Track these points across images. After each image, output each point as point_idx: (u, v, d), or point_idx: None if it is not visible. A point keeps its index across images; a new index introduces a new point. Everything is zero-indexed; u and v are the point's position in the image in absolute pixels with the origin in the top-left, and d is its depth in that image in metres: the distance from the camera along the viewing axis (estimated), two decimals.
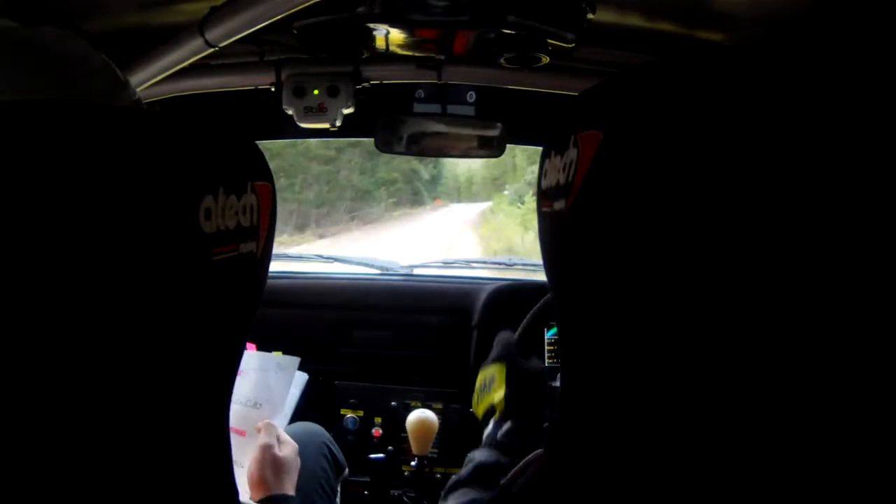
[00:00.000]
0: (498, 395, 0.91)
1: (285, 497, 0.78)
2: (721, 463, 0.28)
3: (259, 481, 0.78)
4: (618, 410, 0.31)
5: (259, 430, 0.84)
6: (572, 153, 0.32)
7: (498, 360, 0.94)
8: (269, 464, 0.79)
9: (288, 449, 0.83)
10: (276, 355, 0.97)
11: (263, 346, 1.02)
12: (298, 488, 0.82)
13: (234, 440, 0.85)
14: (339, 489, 1.01)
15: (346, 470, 1.06)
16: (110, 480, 0.30)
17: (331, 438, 1.06)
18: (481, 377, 0.96)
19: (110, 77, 0.45)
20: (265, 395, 0.90)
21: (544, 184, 0.35)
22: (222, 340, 0.36)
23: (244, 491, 0.79)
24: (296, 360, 0.94)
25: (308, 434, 0.99)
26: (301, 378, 0.96)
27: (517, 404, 0.88)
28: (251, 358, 0.95)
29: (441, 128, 1.08)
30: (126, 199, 0.28)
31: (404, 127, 1.09)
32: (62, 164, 0.27)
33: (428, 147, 1.10)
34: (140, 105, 0.48)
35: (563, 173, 0.32)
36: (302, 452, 0.86)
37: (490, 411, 0.92)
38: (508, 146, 1.18)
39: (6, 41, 0.40)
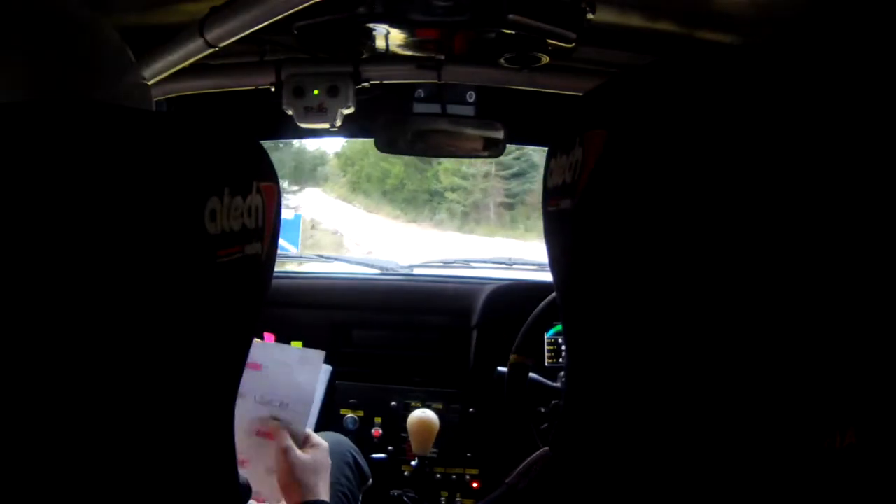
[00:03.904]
0: None
1: (320, 503, 0.73)
2: (728, 461, 0.28)
3: (287, 487, 0.73)
4: (623, 407, 0.31)
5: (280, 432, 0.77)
6: (578, 152, 0.32)
7: None
8: (297, 467, 0.74)
9: (317, 451, 0.77)
10: (298, 347, 0.88)
11: None
12: None
13: (264, 444, 0.81)
14: (360, 498, 0.98)
15: (370, 480, 1.03)
16: (115, 479, 0.30)
17: (356, 448, 1.03)
18: None
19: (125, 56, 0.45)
20: (291, 393, 0.82)
21: (550, 182, 0.36)
22: (227, 341, 0.36)
23: (279, 498, 0.75)
24: (321, 354, 0.85)
25: (333, 443, 0.93)
26: (325, 371, 0.86)
27: None
28: (271, 350, 0.86)
29: (441, 127, 1.08)
30: (132, 201, 0.28)
31: (404, 127, 1.09)
32: (67, 166, 0.27)
33: (428, 147, 1.10)
34: (145, 89, 0.48)
35: (569, 172, 0.33)
36: None
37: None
38: None
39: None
